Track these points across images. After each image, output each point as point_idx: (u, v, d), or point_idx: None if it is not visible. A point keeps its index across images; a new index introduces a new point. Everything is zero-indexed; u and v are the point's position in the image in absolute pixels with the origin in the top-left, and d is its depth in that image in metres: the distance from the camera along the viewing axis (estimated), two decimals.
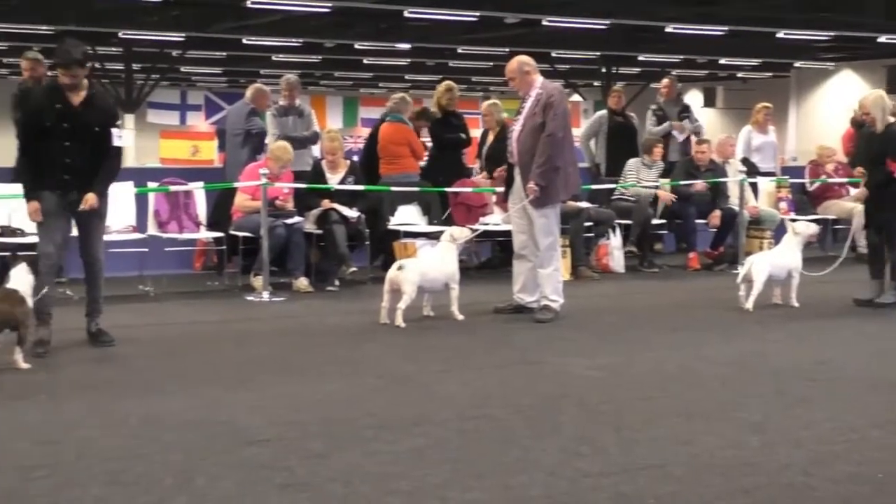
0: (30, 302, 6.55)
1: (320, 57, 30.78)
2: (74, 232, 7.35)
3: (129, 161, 28.48)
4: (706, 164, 11.68)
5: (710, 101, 37.44)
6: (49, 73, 10.13)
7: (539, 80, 8.41)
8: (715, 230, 11.60)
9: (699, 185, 11.47)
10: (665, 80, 13.70)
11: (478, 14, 20.05)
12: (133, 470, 4.50)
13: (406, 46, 27.24)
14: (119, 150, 7.31)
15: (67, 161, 7.03)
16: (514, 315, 8.45)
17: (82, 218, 7.20)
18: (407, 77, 36.80)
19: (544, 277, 8.33)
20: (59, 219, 7.15)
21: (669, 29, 21.89)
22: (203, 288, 10.25)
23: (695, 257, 11.52)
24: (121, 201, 9.82)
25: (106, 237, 9.61)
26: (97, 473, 4.44)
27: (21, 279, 6.59)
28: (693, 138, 12.75)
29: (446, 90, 11.61)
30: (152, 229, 10.06)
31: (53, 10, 22.71)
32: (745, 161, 12.56)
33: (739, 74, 35.71)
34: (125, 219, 9.88)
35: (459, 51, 28.49)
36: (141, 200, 10.09)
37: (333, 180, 10.28)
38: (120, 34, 25.84)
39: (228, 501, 4.19)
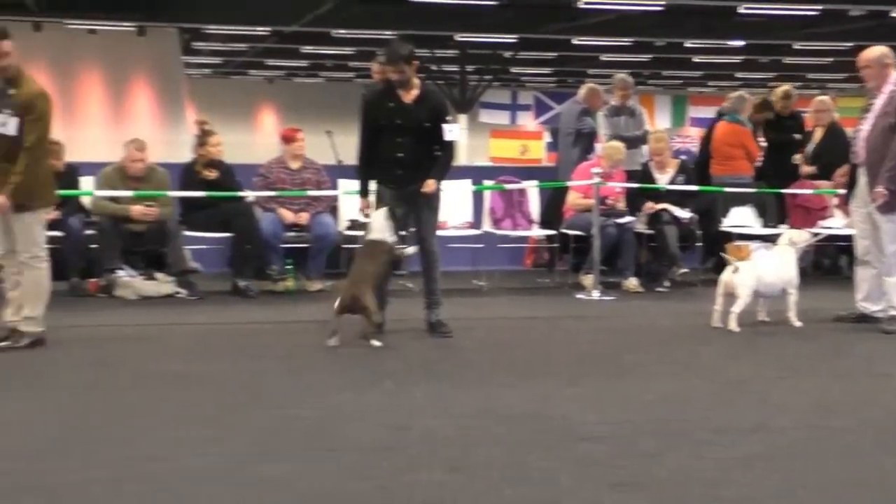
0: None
1: (649, 56, 30.51)
2: None
3: (461, 160, 29.57)
4: None
5: None
6: None
7: (894, 75, 7.88)
8: None
9: None
10: None
11: (820, 8, 19.20)
12: (471, 458, 4.65)
13: (739, 43, 26.51)
14: (451, 143, 7.57)
15: (400, 156, 7.37)
16: (857, 324, 8.02)
17: (417, 212, 7.50)
18: (738, 75, 35.78)
19: (891, 286, 7.84)
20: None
21: None
22: (533, 285, 10.46)
23: None
24: (459, 198, 10.22)
25: (444, 232, 10.07)
26: (438, 459, 4.62)
27: None
28: None
29: (783, 97, 11.22)
30: (487, 226, 10.37)
31: (395, 15, 23.87)
32: None
33: None
34: (462, 215, 10.26)
35: (795, 47, 27.38)
36: (477, 198, 10.43)
37: (662, 180, 10.19)
38: (456, 37, 26.77)
39: (562, 496, 4.23)
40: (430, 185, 7.34)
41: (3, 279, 7.52)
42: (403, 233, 7.51)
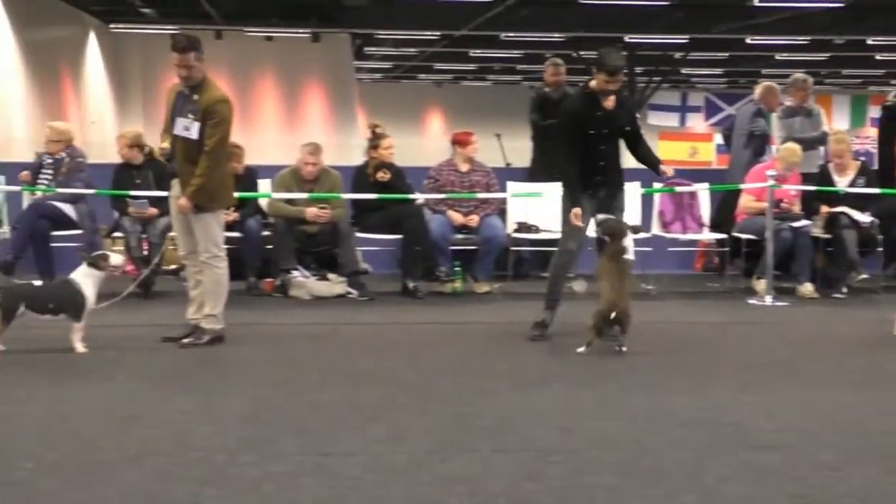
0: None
1: (828, 54, 29.53)
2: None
3: (628, 161, 29.28)
4: None
5: None
6: (567, 79, 10.69)
7: None
8: None
9: None
10: None
11: None
12: (642, 463, 4.60)
13: None
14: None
15: (601, 164, 7.41)
16: None
17: (611, 212, 7.48)
18: None
19: None
20: (588, 216, 7.40)
21: None
22: (703, 289, 10.27)
23: None
24: (628, 201, 10.10)
25: None
26: (608, 463, 4.59)
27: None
28: None
29: None
30: (656, 229, 10.24)
31: (563, 18, 23.81)
32: None
33: None
34: (631, 217, 10.12)
35: None
36: (646, 200, 10.30)
37: (842, 183, 9.86)
38: (626, 38, 26.50)
39: None
40: (667, 172, 7.67)
41: (184, 278, 7.84)
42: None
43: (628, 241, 7.24)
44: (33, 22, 23.63)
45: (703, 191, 10.38)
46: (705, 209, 10.41)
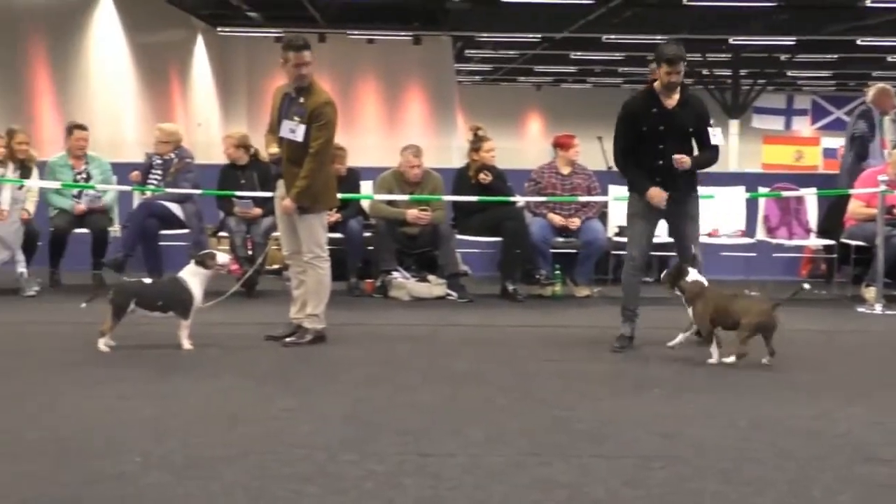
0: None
1: None
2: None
3: (731, 166, 28.79)
4: None
5: None
6: None
7: None
8: None
9: None
10: None
11: None
12: (747, 471, 4.52)
13: None
14: (716, 147, 7.29)
15: (660, 163, 7.15)
16: None
17: (675, 221, 7.32)
18: None
19: None
20: (649, 222, 7.31)
21: None
22: (810, 296, 9.96)
23: None
24: (732, 206, 9.97)
25: (715, 240, 9.85)
26: (711, 470, 4.51)
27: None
28: None
29: None
30: (761, 234, 10.05)
31: (665, 19, 23.55)
32: None
33: None
34: (735, 223, 10.00)
35: None
36: (751, 205, 10.13)
37: None
38: (730, 40, 26.13)
39: None
40: (682, 160, 7.06)
41: (287, 278, 7.95)
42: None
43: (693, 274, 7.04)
44: (144, 26, 24.25)
45: (810, 196, 10.16)
46: (812, 214, 10.20)
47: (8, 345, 7.14)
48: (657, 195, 7.12)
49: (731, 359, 6.64)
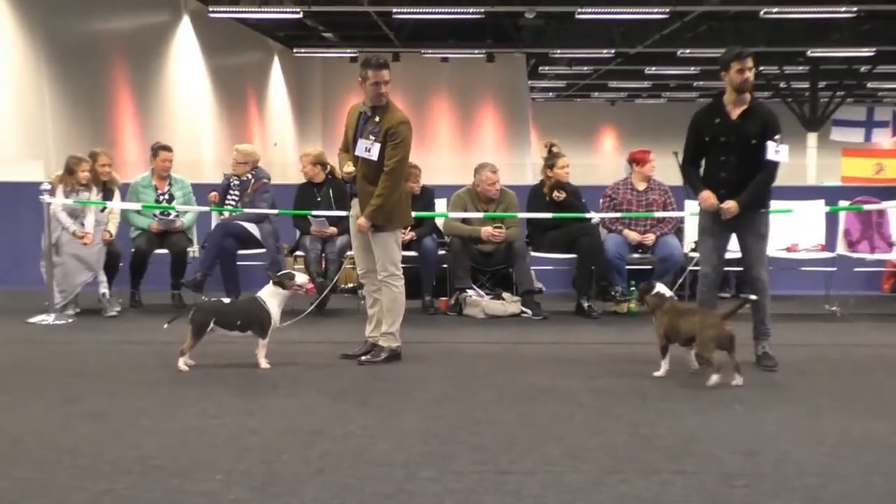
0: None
1: None
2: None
3: (809, 179, 28.35)
4: None
5: None
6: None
7: None
8: None
9: None
10: None
11: None
12: (832, 488, 4.43)
13: None
14: (774, 164, 7.04)
15: (723, 175, 7.06)
16: None
17: (741, 237, 7.18)
18: None
19: None
20: (718, 238, 7.20)
21: None
22: (892, 311, 9.85)
23: None
24: (811, 220, 9.82)
25: (795, 255, 9.71)
26: (796, 487, 4.44)
27: None
28: None
29: None
30: (841, 248, 9.88)
31: (742, 32, 23.31)
32: None
33: None
34: (815, 237, 9.85)
35: None
36: (831, 219, 9.97)
37: None
38: (808, 52, 25.77)
39: None
40: (731, 208, 6.94)
41: (363, 296, 8.00)
42: None
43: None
44: (222, 49, 24.70)
45: (892, 209, 9.96)
46: (895, 228, 9.99)
47: (90, 365, 7.28)
48: (706, 199, 7.05)
49: (714, 379, 6.44)
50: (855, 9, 19.94)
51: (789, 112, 29.31)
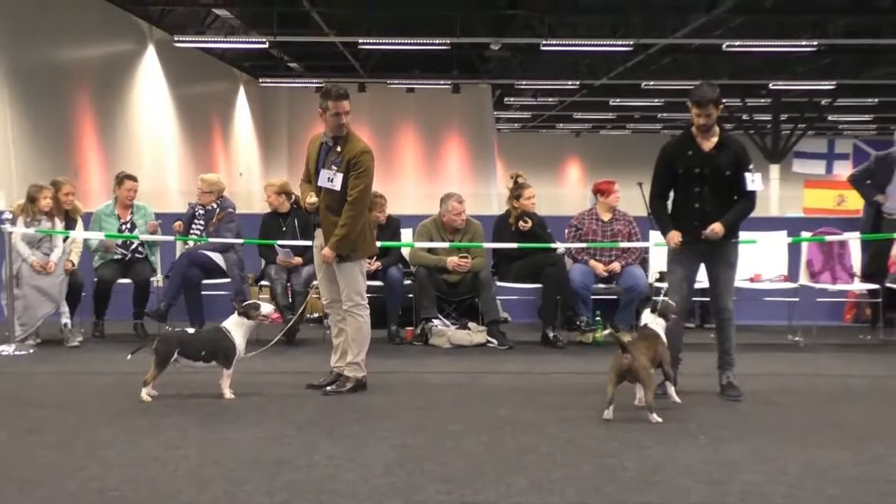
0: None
1: None
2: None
3: (772, 210, 28.61)
4: None
5: None
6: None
7: None
8: None
9: None
10: None
11: None
12: None
13: None
14: (752, 194, 7.13)
15: (697, 206, 7.09)
16: None
17: (711, 266, 7.21)
18: None
19: None
20: (687, 268, 7.21)
21: None
22: (855, 341, 9.94)
23: None
24: (774, 251, 9.90)
25: (758, 285, 9.78)
26: None
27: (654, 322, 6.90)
28: None
29: None
30: (804, 279, 9.97)
31: (705, 65, 23.57)
32: None
33: None
34: (778, 268, 9.93)
35: None
36: (793, 250, 10.06)
37: None
38: (770, 85, 26.08)
39: None
40: (716, 229, 6.97)
41: (328, 326, 7.97)
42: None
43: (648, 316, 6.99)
44: (188, 78, 24.64)
45: (853, 241, 10.07)
46: (856, 259, 10.10)
47: (51, 395, 7.20)
48: (672, 238, 7.09)
49: (605, 413, 6.41)
50: (815, 42, 20.24)
51: (752, 144, 29.61)
